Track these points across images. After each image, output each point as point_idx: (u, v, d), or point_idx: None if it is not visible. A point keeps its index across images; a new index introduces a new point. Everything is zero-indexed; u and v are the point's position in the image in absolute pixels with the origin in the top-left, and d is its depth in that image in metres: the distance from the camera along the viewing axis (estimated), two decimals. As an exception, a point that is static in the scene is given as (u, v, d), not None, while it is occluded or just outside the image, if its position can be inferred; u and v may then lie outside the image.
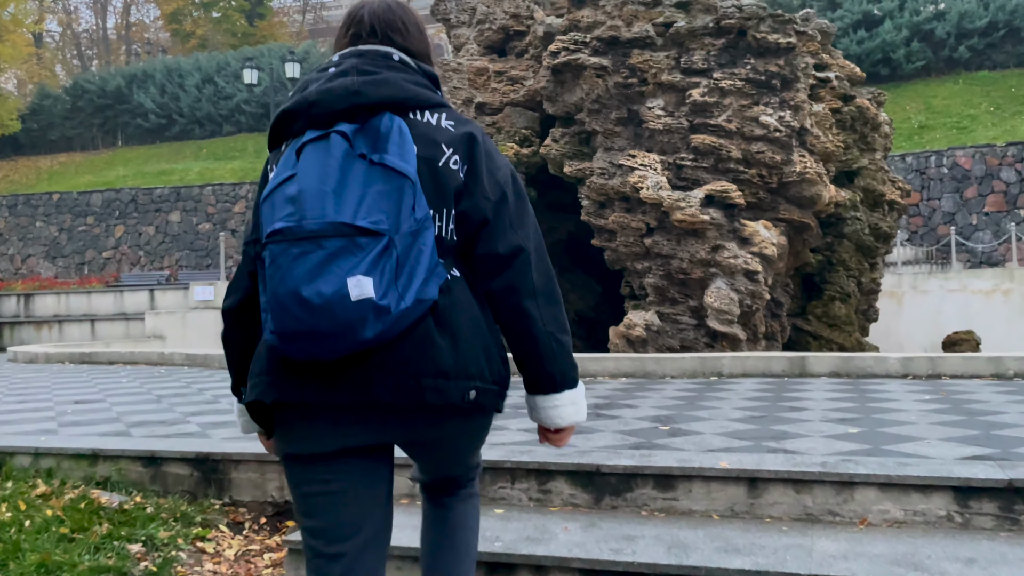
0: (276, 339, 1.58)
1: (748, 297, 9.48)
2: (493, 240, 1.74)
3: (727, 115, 9.61)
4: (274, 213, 1.61)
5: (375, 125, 1.68)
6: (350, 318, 1.53)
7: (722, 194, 9.43)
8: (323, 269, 1.53)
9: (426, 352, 1.63)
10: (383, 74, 1.75)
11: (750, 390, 5.35)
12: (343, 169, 1.62)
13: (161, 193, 26.03)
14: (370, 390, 1.62)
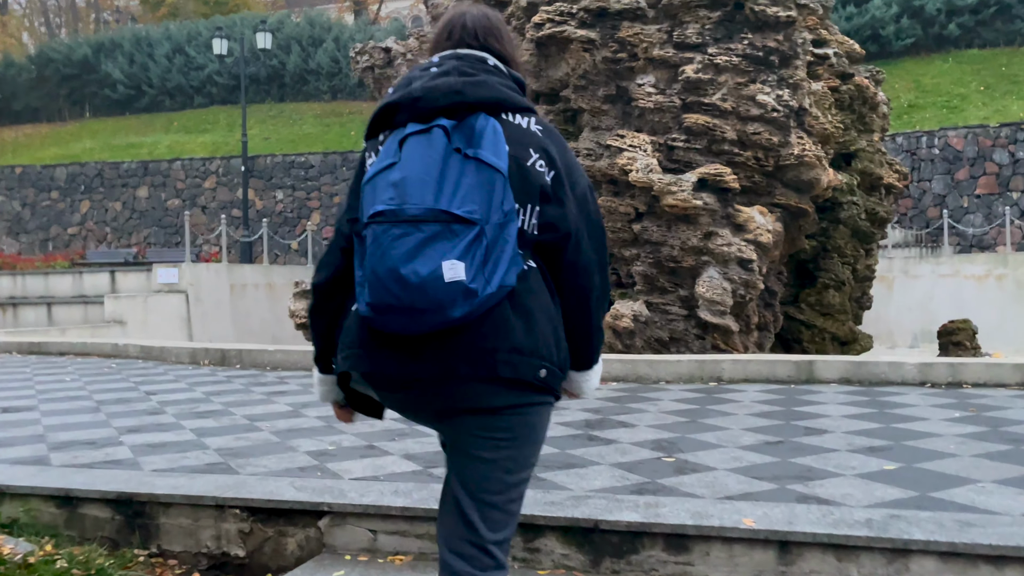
0: (370, 311, 1.76)
1: (741, 287, 8.97)
2: (576, 253, 1.91)
3: (722, 93, 9.03)
4: (376, 196, 1.78)
5: (471, 123, 1.85)
6: (441, 297, 1.70)
7: (716, 178, 8.88)
8: (420, 251, 1.70)
9: (502, 331, 1.78)
10: (481, 76, 1.94)
11: (756, 401, 4.83)
12: (443, 161, 1.79)
13: (128, 167, 25.07)
14: (450, 364, 1.77)
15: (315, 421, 4.53)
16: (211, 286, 13.43)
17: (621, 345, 9.40)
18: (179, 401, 5.39)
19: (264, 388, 5.92)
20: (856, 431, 3.96)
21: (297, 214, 23.27)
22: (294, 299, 12.38)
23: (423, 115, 1.88)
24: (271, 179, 23.77)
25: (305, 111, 31.07)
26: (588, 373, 2.07)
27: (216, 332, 13.41)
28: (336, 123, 29.35)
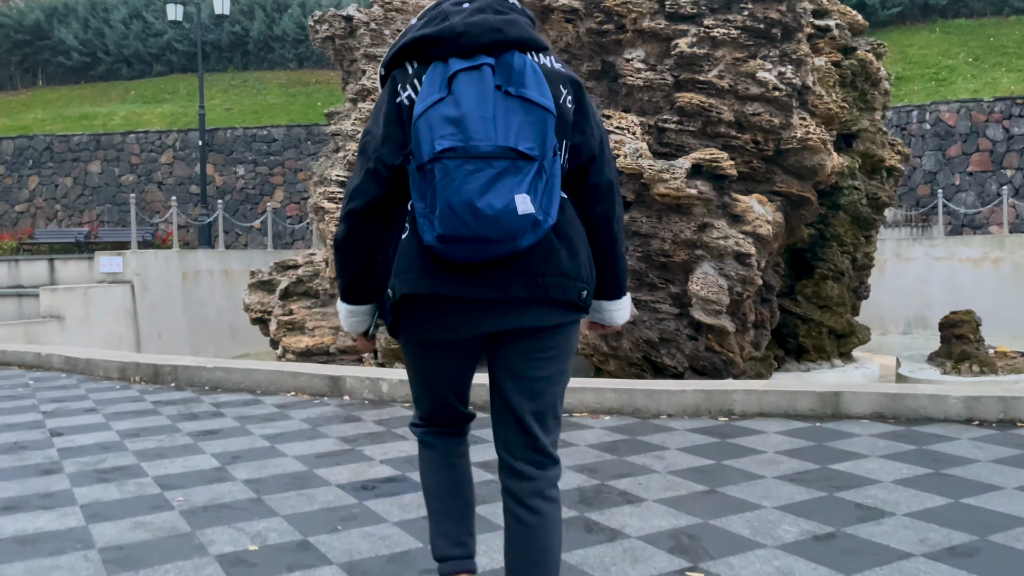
0: (439, 242, 1.87)
1: (739, 284, 8.16)
2: (599, 174, 2.10)
3: (719, 70, 8.14)
4: (433, 131, 1.87)
5: (508, 61, 1.96)
6: (514, 228, 1.85)
7: (711, 163, 8.03)
8: (493, 185, 1.84)
9: (551, 258, 1.98)
10: (512, 15, 2.05)
11: (781, 452, 4.00)
12: (495, 99, 1.90)
13: (79, 141, 23.68)
14: (508, 288, 1.94)
15: (242, 490, 3.64)
16: (160, 275, 12.40)
17: (607, 347, 8.57)
18: (86, 448, 4.47)
19: (194, 425, 5.01)
20: (921, 513, 3.15)
21: (259, 191, 22.11)
22: (249, 291, 11.41)
23: (465, 51, 1.96)
24: (231, 154, 22.55)
25: (270, 80, 29.74)
26: (620, 302, 2.22)
27: (166, 325, 12.42)
28: (302, 92, 28.10)
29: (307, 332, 9.97)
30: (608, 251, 2.12)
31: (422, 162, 1.89)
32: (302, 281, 10.82)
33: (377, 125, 2.05)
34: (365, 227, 2.04)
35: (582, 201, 2.09)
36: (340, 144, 10.09)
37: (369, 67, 9.88)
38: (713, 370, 8.45)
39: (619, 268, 2.17)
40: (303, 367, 6.03)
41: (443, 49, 1.98)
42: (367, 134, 2.09)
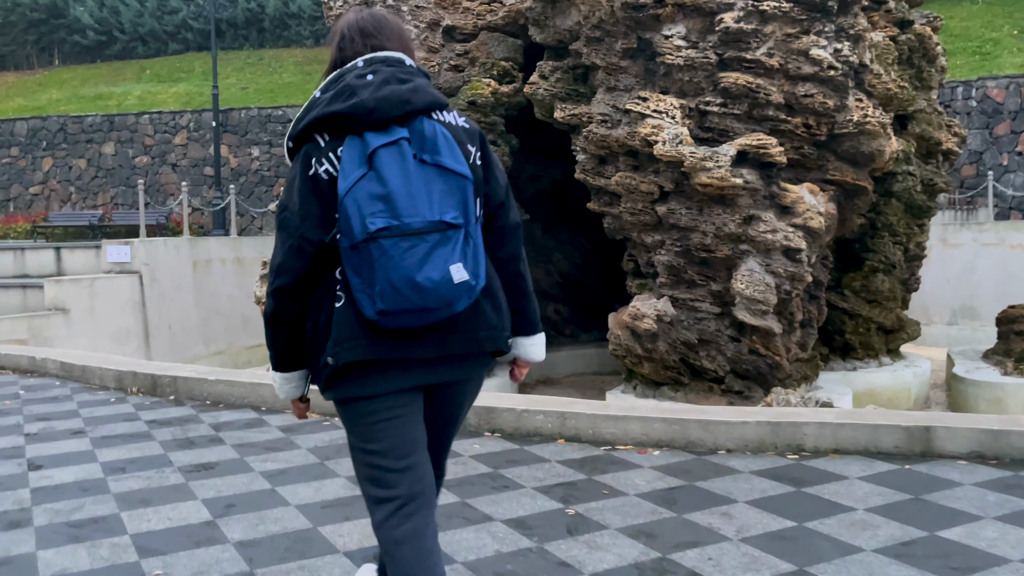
0: (381, 316, 1.98)
1: (787, 281, 7.49)
2: (506, 217, 2.21)
3: (768, 47, 7.43)
4: (362, 209, 1.95)
5: (419, 129, 2.05)
6: (451, 297, 1.98)
7: (758, 150, 7.34)
8: (429, 258, 1.95)
9: (480, 314, 2.11)
10: (416, 81, 2.12)
11: (875, 511, 3.35)
12: (416, 172, 2.00)
13: (93, 122, 23.15)
14: (446, 346, 2.08)
15: (233, 559, 3.06)
16: (169, 264, 11.86)
17: (641, 349, 7.95)
18: (64, 489, 3.91)
19: (188, 456, 4.44)
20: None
21: (275, 173, 21.51)
22: (261, 281, 10.85)
23: (378, 125, 2.04)
24: (246, 134, 21.95)
25: (286, 58, 29.10)
26: (536, 338, 2.34)
27: (176, 315, 11.90)
28: (319, 71, 27.42)
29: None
30: (519, 289, 2.25)
31: (355, 241, 1.96)
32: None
33: (293, 200, 2.08)
34: (294, 302, 2.10)
35: (490, 243, 2.20)
36: (355, 128, 9.47)
37: (386, 46, 9.23)
38: (757, 374, 7.81)
39: (532, 305, 2.33)
40: (313, 382, 5.45)
41: (356, 124, 2.04)
42: (284, 209, 2.10)
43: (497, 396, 4.87)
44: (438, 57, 9.22)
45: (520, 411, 4.55)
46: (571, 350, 12.03)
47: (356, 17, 2.24)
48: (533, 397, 4.82)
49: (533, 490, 3.71)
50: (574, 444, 4.38)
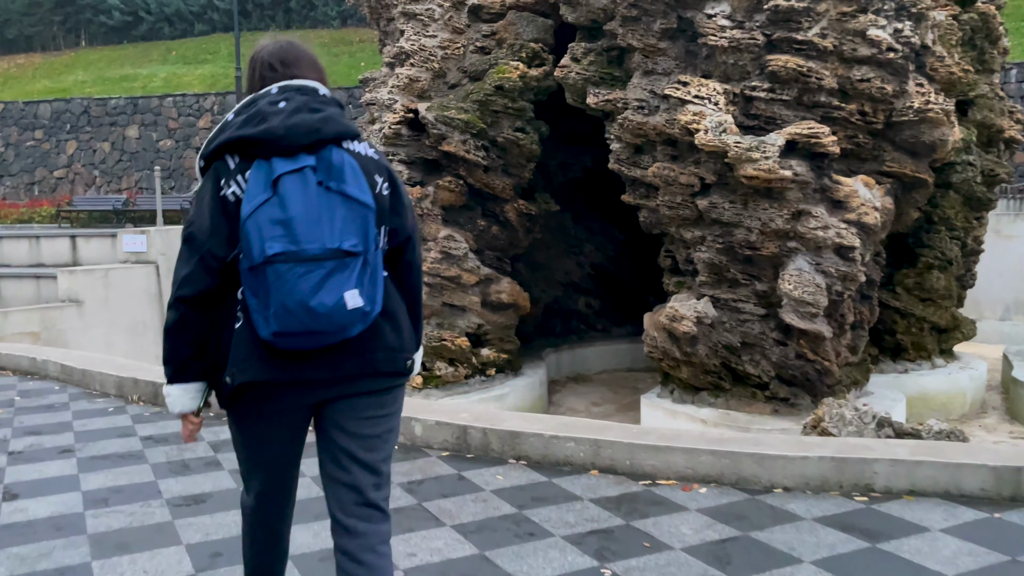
0: (275, 337, 2.04)
1: (838, 282, 6.93)
2: (413, 252, 2.33)
3: (821, 27, 6.83)
4: (263, 233, 2.00)
5: (327, 157, 2.11)
6: (345, 322, 2.05)
7: (809, 139, 6.76)
8: (324, 284, 2.02)
9: (378, 336, 2.17)
10: (327, 111, 2.18)
11: (967, 572, 2.85)
12: (319, 199, 2.05)
13: (117, 104, 22.88)
14: (340, 367, 2.14)
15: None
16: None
17: (679, 352, 7.42)
18: (35, 527, 3.47)
19: (180, 484, 4.01)
20: None
21: (300, 157, 21.13)
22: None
23: (286, 151, 2.10)
24: (271, 117, 21.54)
25: (312, 39, 28.57)
26: (417, 353, 2.39)
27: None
28: (345, 52, 27.00)
29: (341, 323, 8.97)
30: (416, 315, 2.36)
31: (254, 264, 2.02)
32: (337, 264, 9.78)
33: (203, 216, 2.12)
34: (197, 313, 2.14)
35: (396, 273, 2.30)
36: (376, 115, 8.98)
37: (408, 26, 8.71)
38: (804, 381, 7.26)
39: (419, 327, 2.40)
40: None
41: (265, 149, 2.09)
42: (191, 223, 2.14)
43: (523, 418, 4.38)
44: (463, 39, 8.70)
45: (548, 437, 4.06)
46: (603, 345, 11.52)
47: (275, 46, 2.30)
48: (563, 420, 4.33)
49: (563, 540, 3.23)
50: (609, 476, 3.89)
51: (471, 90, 8.43)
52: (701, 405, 7.47)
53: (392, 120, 8.35)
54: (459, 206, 8.72)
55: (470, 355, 8.59)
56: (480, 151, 8.36)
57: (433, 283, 8.49)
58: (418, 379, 8.40)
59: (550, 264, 11.35)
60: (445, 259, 8.47)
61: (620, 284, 12.03)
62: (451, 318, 8.68)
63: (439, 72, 8.60)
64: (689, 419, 7.35)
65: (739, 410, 7.38)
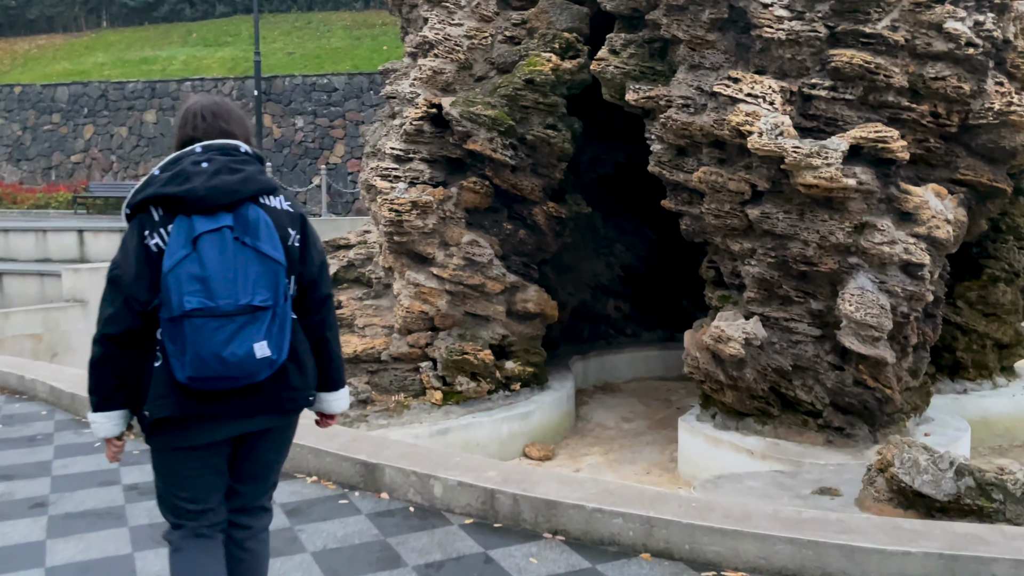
0: (189, 381, 2.30)
1: (904, 302, 6.25)
2: (317, 291, 2.60)
3: (892, 19, 6.12)
4: (182, 288, 2.24)
5: (244, 214, 2.36)
6: (253, 369, 2.32)
7: (876, 144, 6.07)
8: (235, 337, 2.27)
9: (284, 377, 2.46)
10: (247, 170, 2.43)
11: None
12: (235, 257, 2.30)
13: (134, 88, 22.38)
14: (249, 405, 2.43)
15: None
16: (199, 250, 10.94)
17: (724, 376, 6.77)
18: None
19: (163, 556, 3.45)
20: None
21: (319, 144, 20.50)
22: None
23: (206, 210, 2.32)
24: (290, 104, 20.94)
25: (334, 21, 28.03)
26: (338, 393, 2.74)
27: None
28: (367, 35, 26.34)
29: (356, 331, 8.39)
30: (323, 351, 2.64)
31: (172, 315, 2.26)
32: (353, 265, 9.20)
33: (128, 262, 2.36)
34: (120, 349, 2.37)
35: (303, 311, 2.59)
36: (396, 109, 8.36)
37: (432, 14, 8.06)
38: (862, 409, 6.60)
39: (334, 366, 2.70)
40: (332, 442, 4.40)
41: (187, 207, 2.32)
42: (117, 267, 2.37)
43: (560, 482, 3.76)
44: (491, 27, 8.04)
45: (591, 510, 3.45)
46: (632, 352, 10.88)
47: (207, 100, 2.54)
48: (607, 487, 3.68)
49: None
50: (664, 562, 3.28)
51: (499, 83, 7.78)
52: (747, 433, 6.83)
53: (414, 115, 7.72)
54: (484, 208, 8.10)
55: (493, 369, 7.99)
56: (508, 150, 7.73)
57: (455, 291, 7.90)
58: (437, 395, 7.83)
59: (578, 266, 10.72)
60: (468, 266, 7.86)
61: (652, 286, 11.37)
62: (473, 329, 8.08)
63: (465, 64, 7.96)
64: (733, 448, 6.72)
65: (789, 439, 6.73)
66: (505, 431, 7.73)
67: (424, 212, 7.70)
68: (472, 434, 7.53)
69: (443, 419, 7.61)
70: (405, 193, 7.73)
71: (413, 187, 7.83)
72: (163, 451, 2.44)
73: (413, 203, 7.66)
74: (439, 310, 7.91)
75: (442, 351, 7.86)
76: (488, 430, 7.63)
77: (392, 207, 7.68)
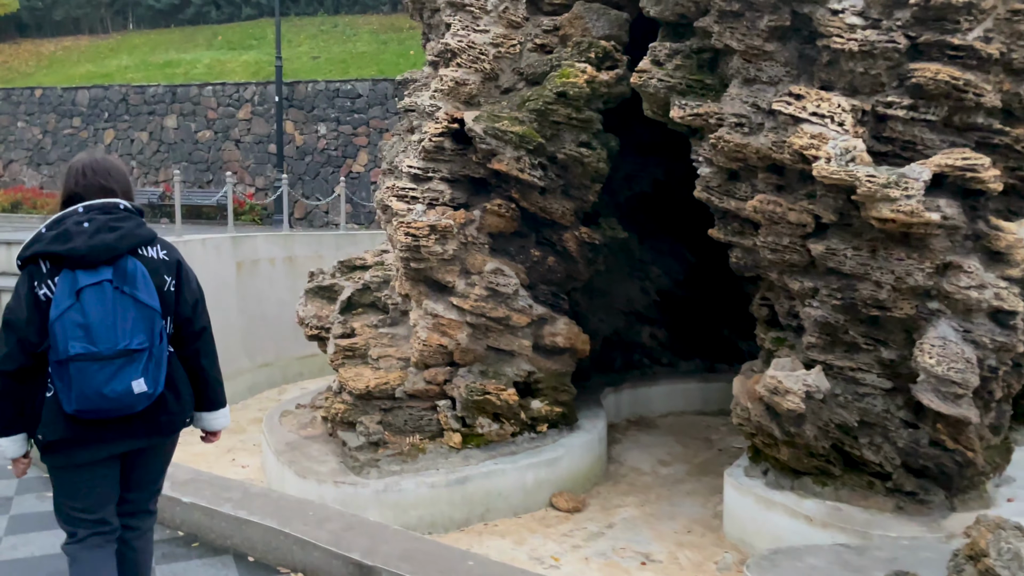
0: (75, 413, 2.73)
1: (992, 354, 5.44)
2: (191, 326, 3.01)
3: (984, 29, 5.31)
4: (67, 334, 2.65)
5: (123, 266, 2.78)
6: (132, 402, 2.77)
7: (964, 172, 5.25)
8: (115, 376, 2.70)
9: (163, 405, 2.91)
10: (125, 227, 2.84)
11: None
12: (114, 305, 2.72)
13: (155, 92, 21.88)
14: (131, 431, 2.88)
15: None
16: (208, 266, 10.32)
17: (780, 431, 5.98)
18: None
19: None
20: None
21: (342, 152, 19.84)
22: (306, 299, 9.21)
23: (88, 265, 2.73)
24: (312, 110, 20.31)
25: (361, 25, 27.45)
26: (217, 412, 3.18)
27: (215, 326, 10.33)
28: (394, 40, 25.72)
29: (370, 363, 7.68)
30: (200, 377, 3.08)
31: (59, 359, 2.68)
32: (369, 289, 8.50)
33: (20, 308, 2.77)
34: (16, 383, 2.78)
35: (180, 343, 3.00)
36: (415, 123, 7.64)
37: (456, 19, 7.33)
38: (939, 473, 5.78)
39: (211, 388, 3.13)
40: (321, 531, 3.68)
41: (70, 263, 2.74)
42: (11, 311, 2.76)
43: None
44: (519, 34, 7.30)
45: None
46: (668, 384, 10.08)
47: (87, 159, 2.97)
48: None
49: None
50: None
51: (528, 96, 7.04)
52: (804, 495, 6.03)
53: (433, 131, 7.00)
54: (509, 233, 7.37)
55: (518, 409, 7.25)
56: (537, 170, 6.99)
57: (477, 324, 7.17)
58: (456, 437, 7.10)
59: (611, 290, 9.95)
60: (492, 297, 7.13)
61: (689, 312, 10.57)
62: (497, 365, 7.35)
63: (490, 74, 7.23)
64: (789, 512, 5.92)
65: (853, 503, 5.92)
66: (530, 479, 6.99)
67: (444, 237, 6.98)
68: (494, 483, 6.80)
69: (462, 465, 6.88)
70: (423, 216, 7.01)
71: (432, 209, 7.11)
72: (56, 468, 2.88)
73: (432, 227, 6.94)
74: (459, 344, 7.19)
75: (462, 389, 7.13)
76: (512, 478, 6.89)
77: (409, 231, 6.96)
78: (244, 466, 8.15)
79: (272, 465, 7.27)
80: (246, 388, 11.06)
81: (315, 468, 6.74)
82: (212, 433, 3.20)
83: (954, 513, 5.82)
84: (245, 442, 8.96)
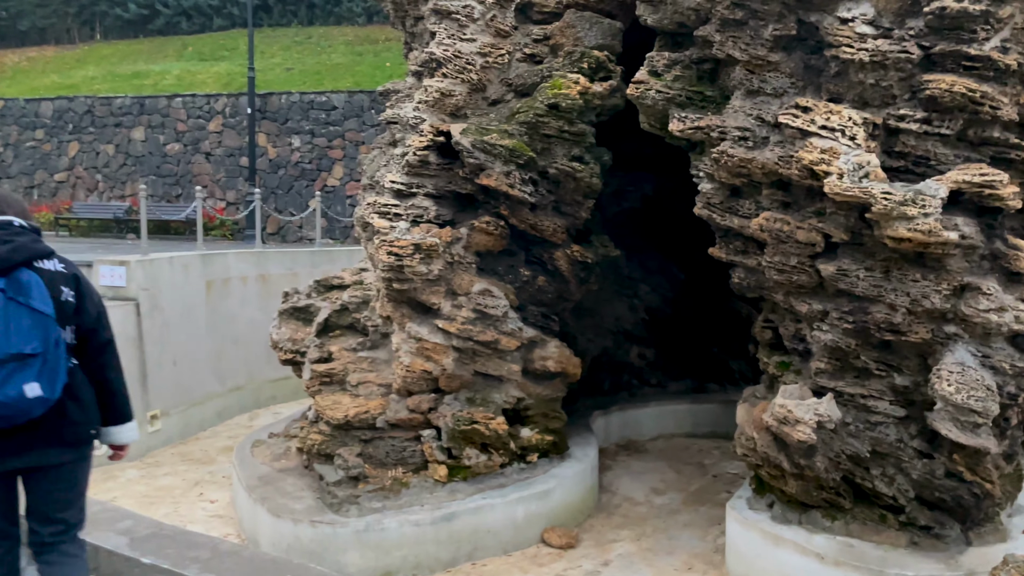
0: None
1: (1012, 380, 5.15)
2: (96, 339, 3.19)
3: (1002, 38, 5.05)
4: None
5: (18, 277, 2.96)
6: (27, 408, 2.86)
7: (981, 189, 4.98)
8: (7, 380, 2.81)
9: (65, 413, 3.03)
10: (18, 241, 3.05)
11: None
12: (7, 314, 2.87)
13: (122, 104, 21.27)
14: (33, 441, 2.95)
15: None
16: (175, 287, 9.83)
17: (789, 463, 5.65)
18: None
19: None
20: None
21: (316, 166, 19.37)
22: (280, 321, 8.74)
23: None
24: (286, 122, 19.82)
25: (336, 37, 27.06)
26: (124, 427, 3.30)
27: (183, 349, 9.89)
28: (370, 52, 25.36)
29: (349, 389, 7.26)
30: (106, 389, 3.21)
31: None
32: (347, 310, 8.06)
33: None
34: None
35: (84, 355, 3.14)
36: (398, 136, 7.26)
37: (441, 27, 6.98)
38: (955, 506, 5.48)
39: (117, 401, 3.27)
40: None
41: None
42: None
43: None
44: (508, 43, 6.97)
45: None
46: (658, 405, 9.75)
47: None
48: None
49: None
50: None
51: (517, 108, 6.70)
52: (814, 530, 5.70)
53: (418, 144, 6.63)
54: (498, 252, 7.01)
55: (507, 439, 6.87)
56: (527, 185, 6.64)
57: (463, 348, 6.78)
58: (442, 470, 6.70)
59: (599, 309, 9.60)
60: (479, 319, 6.75)
61: (679, 331, 10.26)
62: (485, 391, 6.97)
63: (478, 85, 6.88)
64: (798, 549, 5.59)
65: (864, 538, 5.60)
66: (520, 514, 6.60)
67: (428, 256, 6.60)
68: (482, 519, 6.41)
69: (448, 500, 6.48)
70: (407, 234, 6.63)
71: (416, 227, 6.73)
72: None
73: (416, 246, 6.55)
74: (445, 369, 6.79)
75: (448, 418, 6.74)
76: (501, 513, 6.50)
77: (391, 250, 6.57)
78: (213, 500, 7.68)
79: (243, 502, 6.82)
80: (215, 414, 10.56)
81: (290, 505, 6.31)
82: (120, 448, 3.30)
83: (970, 548, 5.52)
84: (214, 474, 8.48)
